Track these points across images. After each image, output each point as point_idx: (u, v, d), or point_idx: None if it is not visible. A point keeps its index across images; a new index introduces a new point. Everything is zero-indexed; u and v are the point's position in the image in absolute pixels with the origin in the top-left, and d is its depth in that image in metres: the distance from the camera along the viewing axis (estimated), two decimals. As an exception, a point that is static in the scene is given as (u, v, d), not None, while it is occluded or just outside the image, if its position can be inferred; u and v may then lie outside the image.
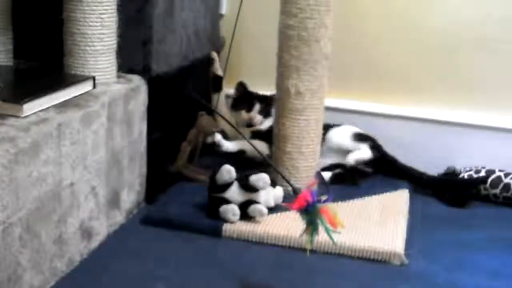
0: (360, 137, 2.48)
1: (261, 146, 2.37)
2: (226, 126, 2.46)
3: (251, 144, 2.10)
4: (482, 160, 2.48)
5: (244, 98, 2.59)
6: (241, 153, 2.43)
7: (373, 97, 2.66)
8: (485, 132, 2.54)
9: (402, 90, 2.64)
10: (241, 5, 2.48)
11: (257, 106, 2.56)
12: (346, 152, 2.44)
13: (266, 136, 2.45)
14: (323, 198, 1.61)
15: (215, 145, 2.44)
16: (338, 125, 2.52)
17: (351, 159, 2.40)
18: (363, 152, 2.42)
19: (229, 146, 2.46)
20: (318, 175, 2.30)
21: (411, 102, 2.63)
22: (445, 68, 2.58)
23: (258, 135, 2.51)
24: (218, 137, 2.45)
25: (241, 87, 2.60)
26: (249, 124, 2.55)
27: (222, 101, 2.65)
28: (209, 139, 2.43)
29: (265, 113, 2.58)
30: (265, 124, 2.57)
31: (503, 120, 2.54)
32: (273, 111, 2.41)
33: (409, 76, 2.62)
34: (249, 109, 2.56)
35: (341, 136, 2.47)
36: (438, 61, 2.58)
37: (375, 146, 2.47)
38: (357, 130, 2.51)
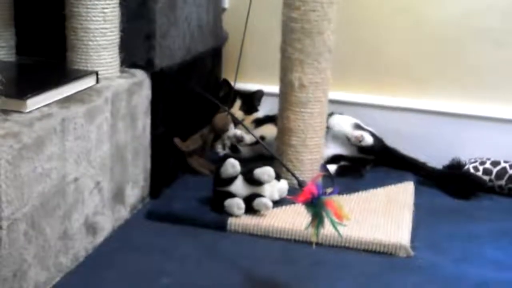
0: (360, 127, 2.47)
1: (271, 129, 2.39)
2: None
3: (257, 139, 2.11)
4: (487, 151, 2.47)
5: (228, 95, 2.61)
6: (262, 139, 2.42)
7: (376, 89, 2.66)
8: (490, 123, 2.53)
9: (405, 82, 2.63)
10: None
11: (237, 103, 2.57)
12: (346, 140, 2.44)
13: (268, 120, 2.47)
14: (329, 190, 1.61)
15: (237, 139, 2.44)
16: (339, 114, 2.52)
17: (357, 133, 2.39)
18: (366, 136, 2.41)
19: (249, 137, 2.45)
20: (323, 168, 2.29)
21: (414, 94, 2.62)
22: (449, 59, 2.57)
23: (260, 122, 2.55)
24: (238, 131, 2.44)
25: (225, 84, 2.65)
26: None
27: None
28: (226, 137, 2.43)
29: (247, 110, 2.59)
30: (258, 114, 2.61)
31: (508, 111, 2.53)
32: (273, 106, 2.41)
33: (412, 68, 2.62)
34: (231, 106, 2.59)
35: (343, 123, 2.46)
36: (441, 53, 2.57)
37: (374, 135, 2.46)
38: (358, 121, 2.51)
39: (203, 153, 2.38)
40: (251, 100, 2.62)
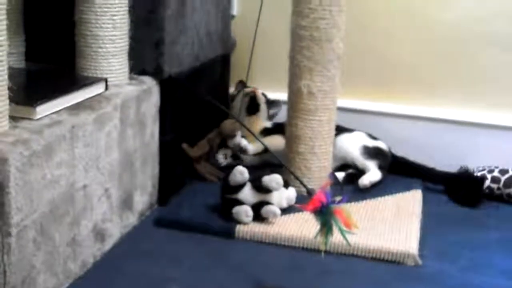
0: (369, 152, 2.44)
1: (279, 140, 2.38)
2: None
3: (266, 147, 2.10)
4: (495, 159, 2.47)
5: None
6: (266, 151, 2.44)
7: (384, 97, 2.66)
8: (498, 131, 2.53)
9: (414, 90, 2.63)
10: (261, 6, 2.48)
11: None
12: (352, 161, 2.44)
13: (276, 130, 2.47)
14: (338, 199, 1.61)
15: (241, 150, 2.45)
16: (349, 130, 2.50)
17: (366, 181, 2.34)
18: (374, 174, 2.38)
19: (254, 148, 2.46)
20: (332, 176, 2.29)
21: (423, 102, 2.62)
22: (458, 67, 2.57)
23: (268, 132, 2.54)
24: (244, 142, 2.45)
25: (241, 85, 2.66)
26: None
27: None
28: (231, 143, 2.43)
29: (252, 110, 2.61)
30: (267, 124, 2.60)
31: (517, 119, 2.54)
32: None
33: (421, 75, 2.61)
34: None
35: (351, 146, 2.44)
36: (450, 60, 2.57)
37: (382, 166, 2.43)
38: (367, 140, 2.47)
39: (209, 158, 2.38)
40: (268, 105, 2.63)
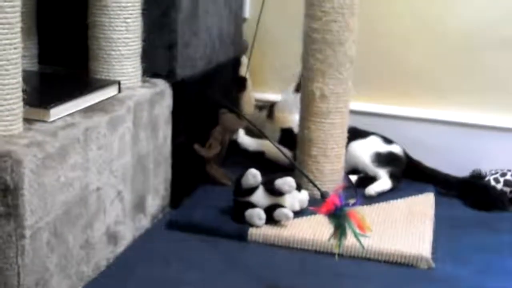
0: (380, 160, 2.41)
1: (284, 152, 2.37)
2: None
3: (276, 146, 2.09)
4: (508, 163, 2.46)
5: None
6: (260, 154, 2.44)
7: (397, 100, 2.65)
8: (511, 134, 2.52)
9: (426, 93, 2.62)
10: (262, 8, 2.49)
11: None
12: (363, 168, 2.42)
13: (282, 139, 2.46)
14: (351, 201, 1.61)
15: (237, 142, 2.46)
16: (364, 135, 2.47)
17: (371, 191, 2.32)
18: (383, 183, 2.36)
19: (249, 144, 2.47)
20: (346, 178, 2.28)
21: (435, 105, 2.61)
22: (470, 70, 2.56)
23: (288, 134, 2.51)
24: (240, 133, 2.46)
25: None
26: None
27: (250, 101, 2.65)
28: (234, 136, 2.45)
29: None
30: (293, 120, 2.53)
31: (530, 122, 2.53)
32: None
33: (433, 78, 2.61)
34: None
35: (363, 153, 2.42)
36: (463, 63, 2.56)
37: (394, 174, 2.40)
38: (380, 146, 2.44)
39: (220, 160, 2.37)
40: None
